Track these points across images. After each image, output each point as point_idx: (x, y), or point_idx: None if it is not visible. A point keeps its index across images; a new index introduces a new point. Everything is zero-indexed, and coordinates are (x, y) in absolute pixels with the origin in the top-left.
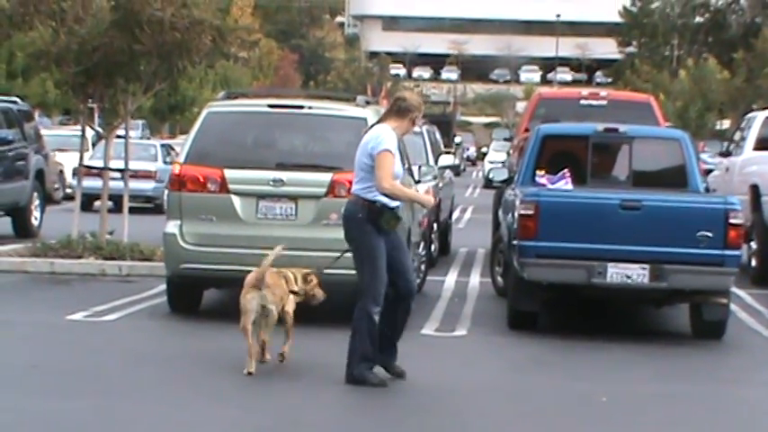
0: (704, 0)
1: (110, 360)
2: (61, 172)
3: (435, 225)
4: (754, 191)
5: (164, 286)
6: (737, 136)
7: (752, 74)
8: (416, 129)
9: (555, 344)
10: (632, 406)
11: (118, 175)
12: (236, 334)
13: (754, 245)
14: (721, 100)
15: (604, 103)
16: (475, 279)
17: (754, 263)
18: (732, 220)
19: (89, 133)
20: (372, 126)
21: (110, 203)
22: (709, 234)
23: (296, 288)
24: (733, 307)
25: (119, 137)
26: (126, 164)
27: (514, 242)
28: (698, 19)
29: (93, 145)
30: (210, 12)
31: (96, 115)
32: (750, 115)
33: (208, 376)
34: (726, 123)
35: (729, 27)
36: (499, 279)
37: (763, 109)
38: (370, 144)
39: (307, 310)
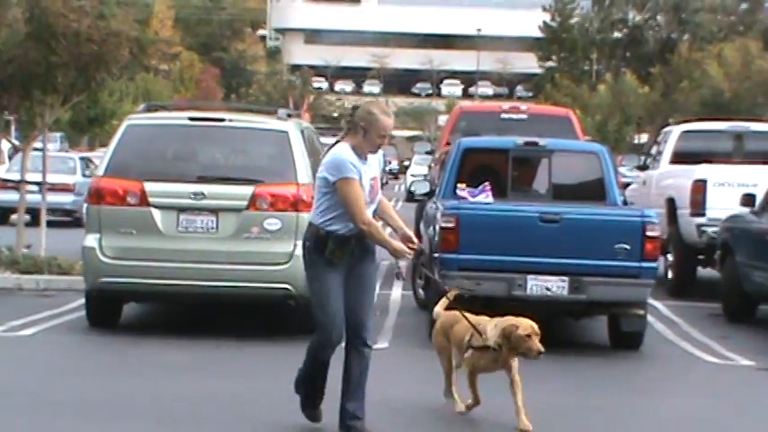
0: (622, 16)
1: (27, 375)
2: None
3: None
4: (671, 204)
5: (82, 300)
6: (654, 150)
7: (668, 88)
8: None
9: None
10: (549, 417)
11: (35, 188)
12: (155, 347)
13: (670, 257)
14: (639, 114)
15: (524, 116)
16: (397, 292)
17: (670, 275)
18: (649, 233)
19: (5, 146)
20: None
21: (27, 217)
22: (627, 246)
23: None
24: (650, 318)
25: (36, 149)
26: (44, 177)
27: (436, 255)
28: (616, 34)
29: (10, 158)
30: (128, 24)
31: (13, 127)
32: (666, 129)
33: (127, 389)
34: (644, 137)
35: (646, 43)
36: (420, 292)
37: (679, 123)
38: (321, 168)
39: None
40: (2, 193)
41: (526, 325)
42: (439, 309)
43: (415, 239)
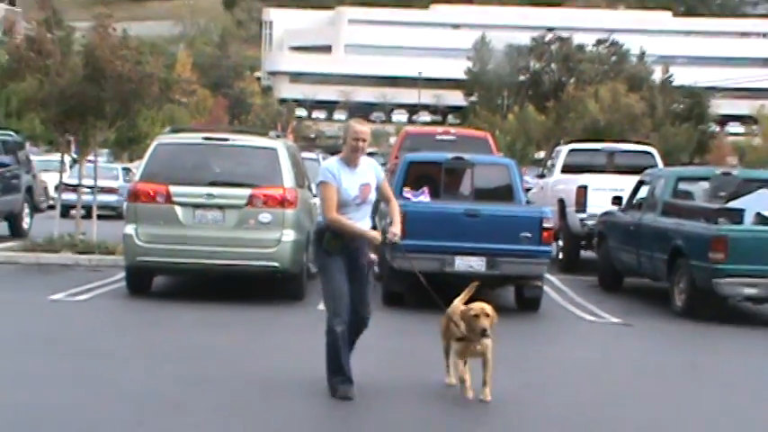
0: (525, 64)
1: (82, 329)
2: (45, 188)
3: None
4: (561, 204)
5: (123, 274)
6: (549, 163)
7: (559, 118)
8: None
9: (417, 316)
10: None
11: (89, 190)
12: (176, 308)
13: (560, 243)
14: (538, 136)
15: (454, 138)
16: None
17: (560, 256)
18: (545, 225)
19: (67, 159)
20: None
21: (83, 211)
22: (529, 235)
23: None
24: (546, 288)
25: (89, 161)
26: (95, 182)
27: (387, 241)
28: (521, 78)
29: (70, 167)
30: (158, 68)
31: (72, 145)
32: (558, 148)
33: (156, 340)
34: (541, 154)
35: (543, 84)
36: (376, 268)
37: (567, 143)
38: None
39: None
40: (65, 194)
41: (477, 307)
42: (457, 301)
43: (398, 232)
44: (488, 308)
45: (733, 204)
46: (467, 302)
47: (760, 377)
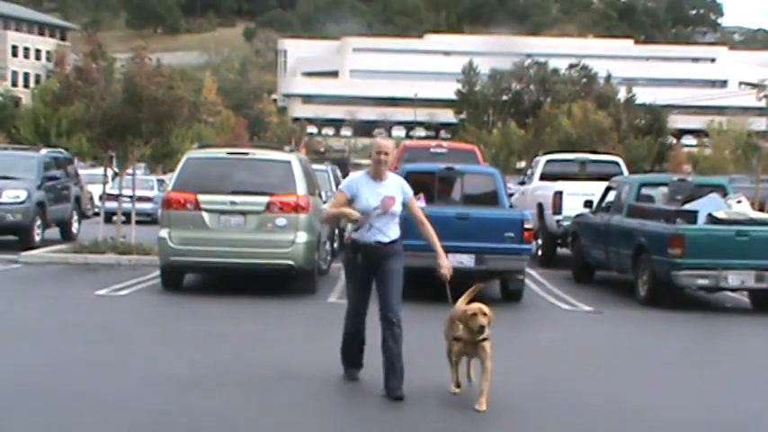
0: (507, 85)
1: (122, 320)
2: (91, 197)
3: (338, 230)
4: (540, 207)
5: (158, 272)
6: (529, 172)
7: (537, 132)
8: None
9: (407, 306)
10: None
11: (128, 199)
12: (203, 302)
13: (539, 241)
14: (519, 149)
15: (446, 150)
16: None
17: (540, 252)
18: (526, 226)
19: (109, 172)
20: None
21: (123, 218)
22: (512, 234)
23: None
24: (527, 281)
25: (128, 174)
26: (133, 191)
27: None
28: (504, 97)
29: (112, 179)
30: (188, 92)
31: (114, 160)
32: (537, 158)
33: (187, 328)
34: (522, 164)
35: (523, 103)
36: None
37: (545, 154)
38: None
39: None
40: (107, 202)
41: (474, 307)
42: (460, 302)
43: (445, 264)
44: (485, 308)
45: (688, 207)
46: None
47: (713, 355)
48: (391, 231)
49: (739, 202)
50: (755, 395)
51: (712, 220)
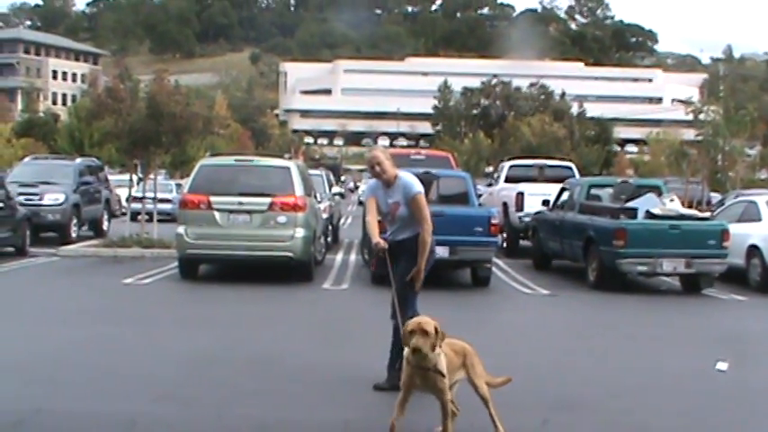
0: (477, 101)
1: (147, 305)
2: (119, 199)
3: (331, 226)
4: (505, 206)
5: (176, 263)
6: (496, 175)
7: (503, 142)
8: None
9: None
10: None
11: (151, 200)
12: (215, 289)
13: (505, 234)
14: (487, 156)
15: (424, 157)
16: (352, 257)
17: (505, 244)
18: (493, 221)
19: (134, 177)
20: None
21: (146, 217)
22: (481, 229)
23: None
24: (494, 269)
25: (151, 179)
26: (155, 194)
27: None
28: (474, 111)
29: (137, 184)
30: (202, 108)
31: (138, 167)
32: (502, 164)
33: (202, 312)
34: (490, 168)
35: (491, 116)
36: (366, 256)
37: (509, 160)
38: None
39: None
40: (133, 204)
41: (413, 322)
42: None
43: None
44: (431, 323)
45: (630, 204)
46: None
47: (652, 329)
48: (406, 232)
49: (672, 200)
50: (684, 361)
51: (650, 215)
